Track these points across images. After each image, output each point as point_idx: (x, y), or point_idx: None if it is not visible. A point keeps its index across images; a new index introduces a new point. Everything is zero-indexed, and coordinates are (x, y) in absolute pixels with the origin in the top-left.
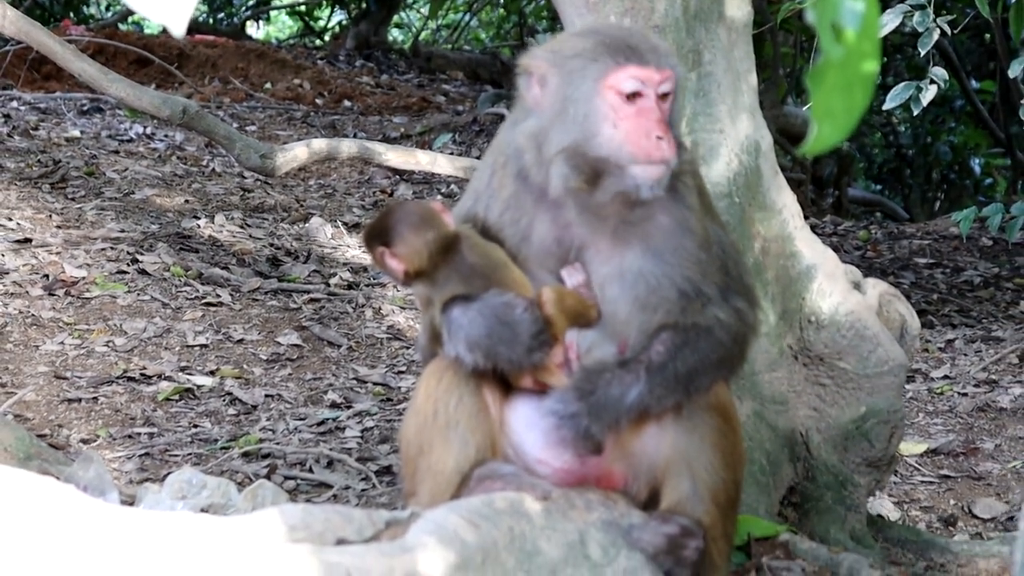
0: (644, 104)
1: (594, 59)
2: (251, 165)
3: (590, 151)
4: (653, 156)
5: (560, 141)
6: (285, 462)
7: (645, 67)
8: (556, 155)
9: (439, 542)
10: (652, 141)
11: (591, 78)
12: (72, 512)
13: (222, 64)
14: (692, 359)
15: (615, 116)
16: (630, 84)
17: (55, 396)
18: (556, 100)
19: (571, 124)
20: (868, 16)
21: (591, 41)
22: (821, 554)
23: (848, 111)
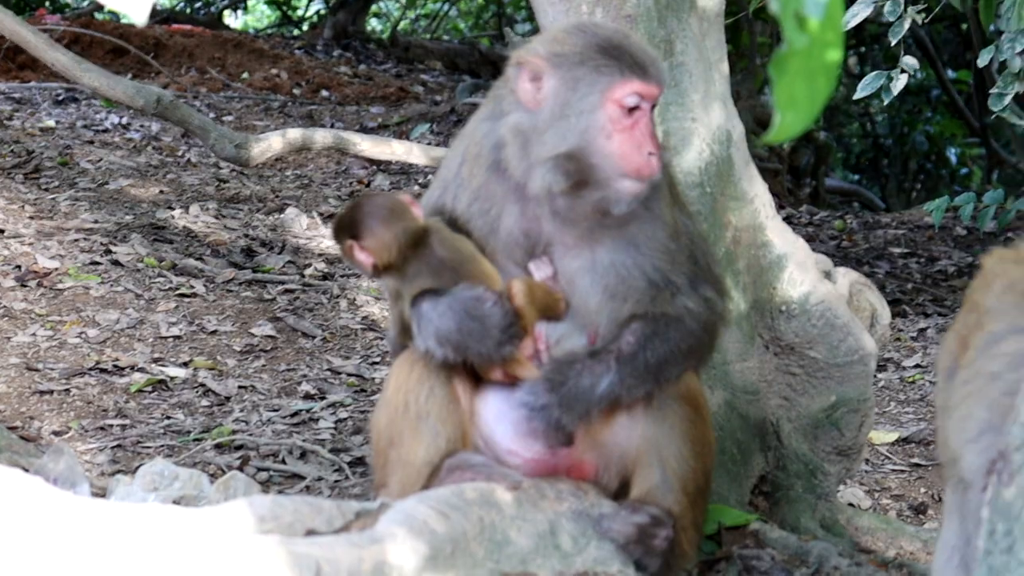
0: (640, 118)
1: (599, 70)
2: (226, 155)
3: (583, 159)
4: (642, 172)
5: (556, 146)
6: (258, 453)
7: (647, 83)
8: (547, 158)
9: (409, 533)
10: (644, 157)
11: (597, 90)
12: (42, 504)
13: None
14: (662, 349)
15: (612, 128)
16: (631, 99)
17: (26, 388)
18: (555, 103)
19: (569, 131)
20: (832, 5)
21: (594, 47)
22: (791, 543)
23: (811, 100)
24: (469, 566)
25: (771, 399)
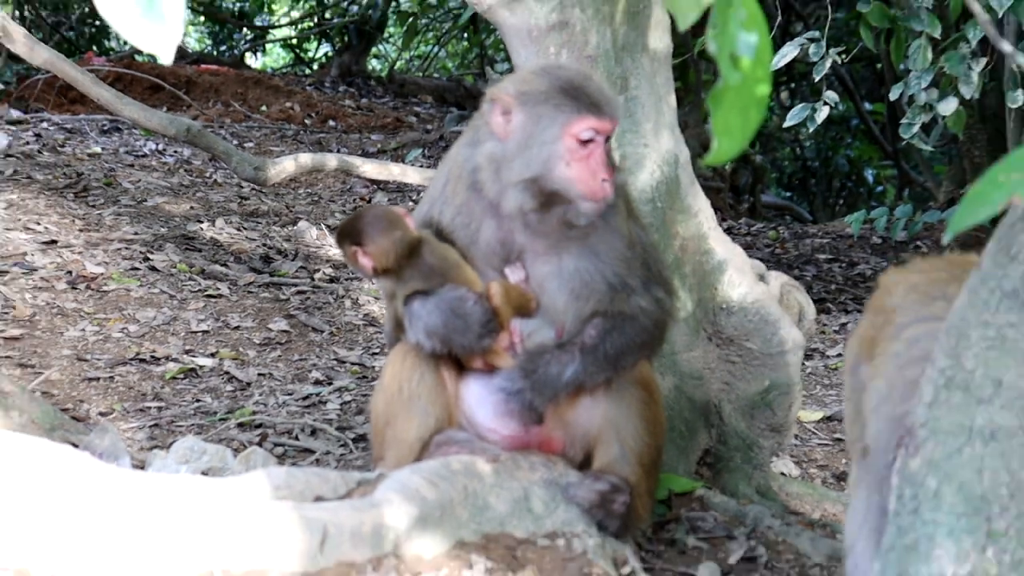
0: (594, 149)
1: (559, 108)
2: (246, 176)
3: (546, 184)
4: (597, 195)
5: (521, 172)
6: (275, 431)
7: (601, 119)
8: (516, 183)
9: (403, 499)
10: (598, 182)
11: (557, 124)
12: (89, 475)
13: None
14: (619, 341)
15: (570, 157)
16: (587, 133)
17: (77, 375)
18: (521, 135)
19: (532, 159)
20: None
21: (555, 86)
22: (731, 506)
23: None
24: (455, 527)
25: (713, 384)
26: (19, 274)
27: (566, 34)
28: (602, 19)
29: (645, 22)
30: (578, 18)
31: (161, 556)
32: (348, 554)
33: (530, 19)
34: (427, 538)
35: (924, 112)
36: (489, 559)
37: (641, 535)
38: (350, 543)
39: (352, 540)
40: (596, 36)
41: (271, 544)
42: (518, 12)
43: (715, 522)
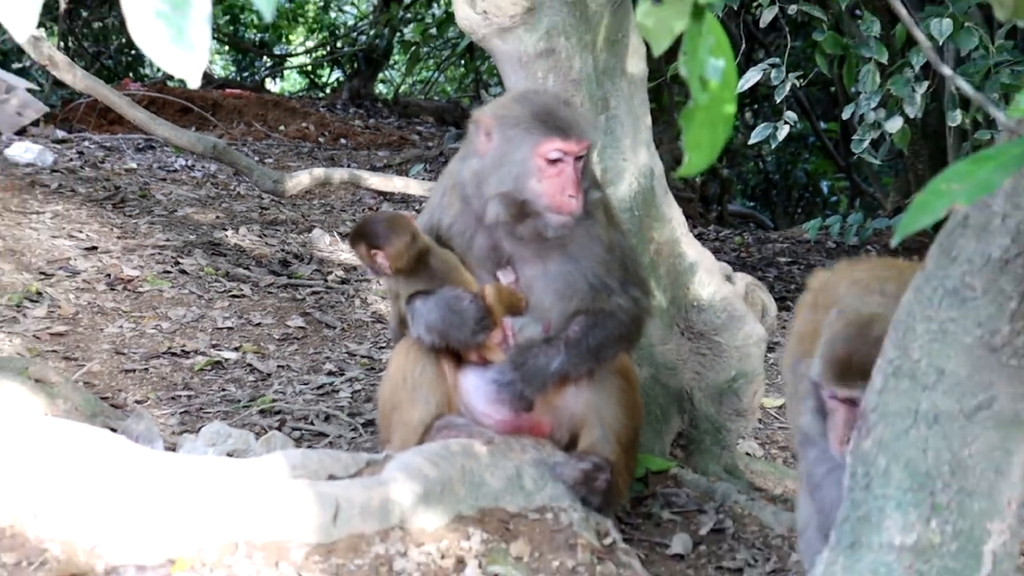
0: (563, 167)
1: (529, 131)
2: (266, 188)
3: (518, 197)
4: (564, 209)
5: (497, 186)
6: (292, 417)
7: (567, 141)
8: (493, 196)
9: (407, 477)
10: (565, 197)
11: (527, 145)
12: (126, 456)
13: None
14: (600, 336)
15: (540, 175)
16: (554, 154)
17: (115, 367)
18: (497, 154)
19: (507, 176)
20: (727, 70)
21: (528, 111)
22: (702, 483)
23: (712, 144)
24: (454, 502)
25: (686, 373)
26: (64, 277)
27: (552, 60)
28: (585, 47)
29: (623, 49)
30: (563, 46)
31: (191, 528)
32: (358, 527)
33: (520, 47)
34: (429, 512)
35: (873, 130)
36: (485, 531)
37: (621, 509)
38: (360, 517)
39: (362, 514)
40: (579, 62)
41: (289, 518)
42: (509, 41)
43: (687, 498)
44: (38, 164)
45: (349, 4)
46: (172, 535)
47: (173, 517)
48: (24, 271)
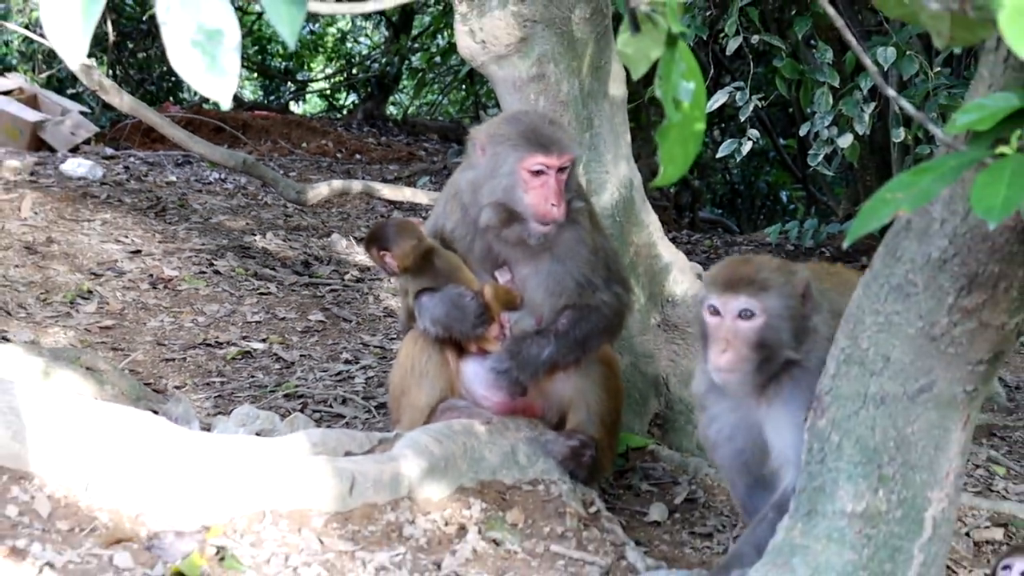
0: (546, 179)
1: (515, 147)
2: (290, 199)
3: (507, 205)
4: (547, 217)
5: (489, 196)
6: (313, 400)
7: (548, 156)
8: (485, 204)
9: (415, 453)
10: (547, 206)
11: (513, 159)
12: (166, 435)
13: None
14: (586, 328)
15: (525, 186)
16: (537, 167)
17: (157, 357)
18: (489, 167)
19: (497, 186)
20: (697, 92)
21: (515, 130)
22: (676, 458)
23: (684, 157)
24: (457, 476)
25: (662, 361)
26: (111, 277)
27: (543, 84)
28: (572, 72)
29: (606, 74)
30: (552, 71)
31: (223, 499)
32: (372, 497)
33: (514, 72)
34: (434, 485)
35: (826, 145)
36: (484, 501)
37: (605, 481)
38: (373, 489)
39: (375, 486)
40: (567, 85)
41: (310, 489)
42: (505, 67)
43: (663, 471)
44: (89, 177)
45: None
46: (206, 505)
47: (207, 489)
48: (76, 272)
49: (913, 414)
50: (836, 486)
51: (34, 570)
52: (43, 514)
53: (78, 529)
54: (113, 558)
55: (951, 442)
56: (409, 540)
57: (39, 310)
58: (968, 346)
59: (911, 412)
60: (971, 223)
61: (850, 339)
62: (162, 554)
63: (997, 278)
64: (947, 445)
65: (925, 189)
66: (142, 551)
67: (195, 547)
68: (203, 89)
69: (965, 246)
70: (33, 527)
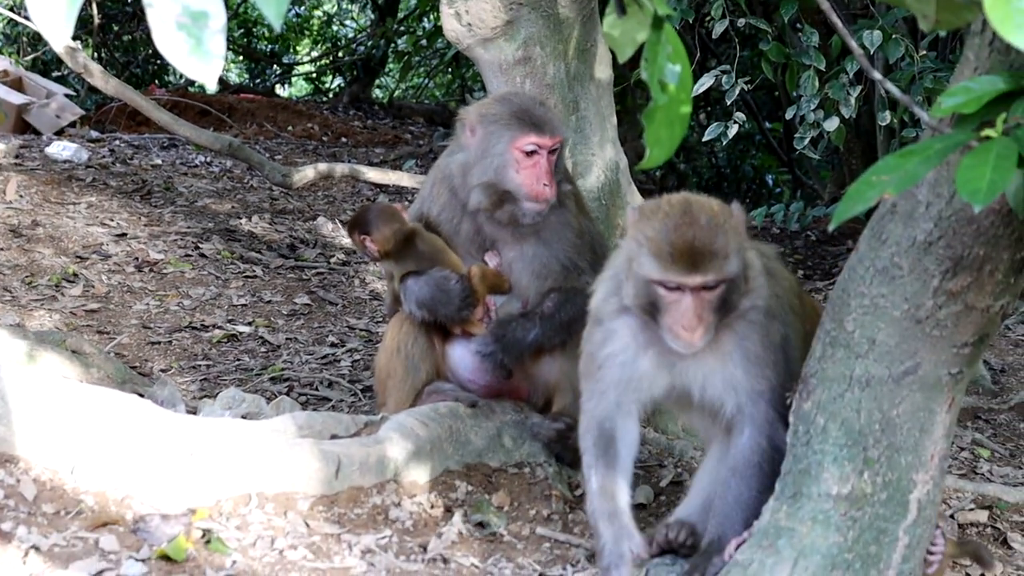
0: (538, 160)
1: (508, 127)
2: (276, 182)
3: (499, 186)
4: (539, 196)
5: (480, 176)
6: (299, 383)
7: (541, 136)
8: (476, 185)
9: (401, 436)
10: (540, 186)
11: (505, 140)
12: (151, 418)
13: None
14: (572, 311)
15: (518, 166)
16: (530, 147)
17: (142, 340)
18: (480, 148)
19: (488, 167)
20: (683, 75)
21: (507, 110)
22: (662, 441)
23: (671, 140)
24: (442, 459)
25: None
26: (97, 260)
27: (529, 67)
28: (557, 55)
29: (592, 57)
30: (538, 54)
31: (209, 482)
32: (358, 480)
33: (500, 55)
34: (420, 467)
35: (813, 129)
36: (470, 484)
37: None
38: (359, 471)
39: (361, 469)
40: (553, 68)
41: (296, 472)
42: (491, 50)
43: (649, 454)
44: (75, 160)
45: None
46: (192, 488)
47: (193, 472)
48: (62, 255)
49: (898, 396)
50: (821, 468)
51: (19, 553)
52: (28, 497)
53: (64, 512)
54: (99, 541)
55: (936, 424)
56: (395, 523)
57: (24, 293)
58: (953, 328)
59: (896, 394)
60: (956, 206)
61: (835, 321)
62: (148, 537)
63: (982, 261)
64: (932, 427)
65: (911, 172)
66: (128, 534)
67: (181, 530)
68: (188, 71)
69: (950, 229)
70: (19, 510)
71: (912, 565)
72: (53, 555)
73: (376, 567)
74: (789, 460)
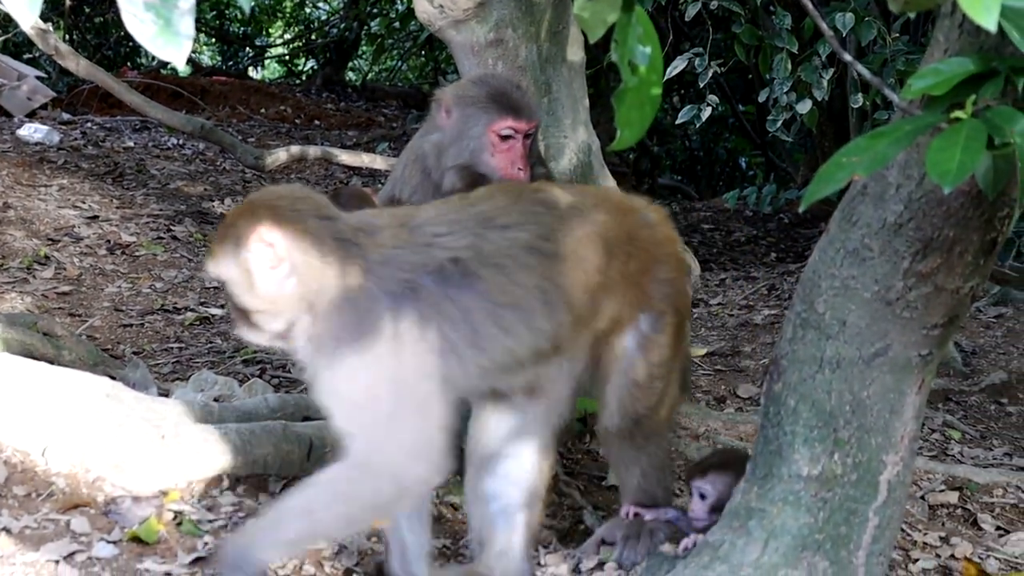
0: (513, 143)
1: (485, 109)
2: (249, 164)
3: (473, 168)
4: (513, 180)
5: (455, 158)
6: (271, 366)
7: (518, 120)
8: (450, 167)
9: None
10: (514, 169)
11: (482, 123)
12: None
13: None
14: None
15: (493, 149)
16: (506, 131)
17: (115, 322)
18: (456, 129)
19: (464, 149)
20: (653, 56)
21: (484, 93)
22: None
23: (641, 121)
24: None
25: None
26: (69, 242)
27: (501, 49)
28: (530, 37)
29: (564, 39)
30: (511, 36)
31: (180, 464)
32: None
33: (472, 37)
34: None
35: (785, 111)
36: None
37: (563, 446)
38: (331, 453)
39: (332, 451)
40: (525, 51)
41: (267, 454)
42: (463, 32)
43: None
44: (46, 143)
45: (322, 1)
46: (163, 470)
47: (165, 454)
48: (33, 237)
49: (868, 378)
50: (792, 450)
51: None
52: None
53: (35, 494)
54: (70, 523)
55: (906, 406)
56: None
57: None
58: (923, 310)
59: (866, 376)
60: (926, 187)
61: (806, 303)
62: (119, 519)
63: (952, 242)
64: (902, 409)
65: (881, 153)
66: (99, 516)
67: (152, 512)
68: (158, 52)
69: (920, 211)
70: None
71: (882, 545)
72: (24, 537)
73: (348, 548)
74: (760, 441)
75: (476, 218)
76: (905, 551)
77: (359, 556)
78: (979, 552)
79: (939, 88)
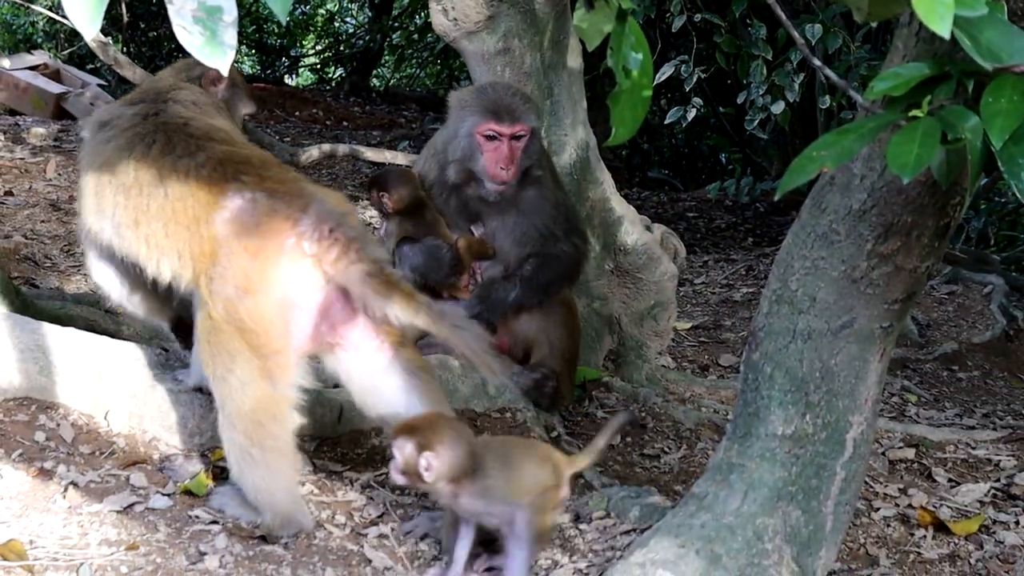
0: (499, 145)
1: (473, 113)
2: (285, 160)
3: (465, 164)
4: (497, 178)
5: (452, 155)
6: None
7: (500, 124)
8: (450, 162)
9: None
10: (497, 169)
11: (469, 124)
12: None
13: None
14: (548, 274)
15: (480, 148)
16: (489, 133)
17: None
18: (452, 129)
19: (458, 147)
20: (645, 62)
21: (476, 98)
22: (627, 389)
23: (634, 120)
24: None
25: (614, 303)
26: None
27: (509, 57)
28: (534, 46)
29: (564, 48)
30: (517, 45)
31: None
32: (358, 424)
33: (483, 47)
34: None
35: (761, 112)
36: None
37: (564, 410)
38: (359, 417)
39: (360, 415)
40: (530, 58)
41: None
42: (475, 42)
43: (616, 400)
44: None
45: (349, 15)
46: (212, 431)
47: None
48: None
49: (836, 348)
50: (768, 412)
51: (59, 488)
52: (67, 439)
53: (98, 452)
54: (129, 478)
55: (870, 372)
56: (391, 461)
57: (63, 260)
58: (885, 287)
59: (834, 346)
60: (887, 178)
61: (780, 281)
62: (172, 474)
63: (910, 227)
64: (866, 375)
65: (846, 148)
66: (155, 472)
67: (202, 468)
68: (205, 60)
69: (882, 199)
70: (59, 451)
71: (848, 496)
72: (89, 490)
73: (375, 500)
74: (740, 404)
75: None
76: (868, 501)
77: (383, 508)
78: (933, 502)
79: (898, 90)
